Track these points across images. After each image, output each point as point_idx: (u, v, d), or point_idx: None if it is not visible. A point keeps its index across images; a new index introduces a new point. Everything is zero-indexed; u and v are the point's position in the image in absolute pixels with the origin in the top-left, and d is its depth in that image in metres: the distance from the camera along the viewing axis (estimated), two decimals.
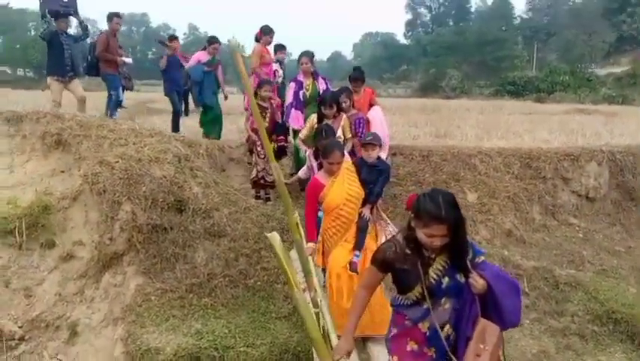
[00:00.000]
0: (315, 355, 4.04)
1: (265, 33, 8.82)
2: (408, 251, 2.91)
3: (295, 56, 10.12)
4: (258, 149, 7.23)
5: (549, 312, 6.27)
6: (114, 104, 9.61)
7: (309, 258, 4.88)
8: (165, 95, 10.52)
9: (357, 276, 4.63)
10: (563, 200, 8.44)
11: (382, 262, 2.97)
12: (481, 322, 2.91)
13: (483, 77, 53.61)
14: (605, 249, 7.82)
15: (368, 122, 6.81)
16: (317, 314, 3.91)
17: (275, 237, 2.38)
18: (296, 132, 7.57)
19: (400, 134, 11.18)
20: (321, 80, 7.84)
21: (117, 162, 6.23)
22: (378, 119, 7.17)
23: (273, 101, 7.69)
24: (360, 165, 5.07)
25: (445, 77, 49.77)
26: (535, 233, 7.87)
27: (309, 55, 7.85)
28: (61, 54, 9.00)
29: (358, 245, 4.84)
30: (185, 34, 76.52)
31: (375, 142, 5.13)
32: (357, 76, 7.41)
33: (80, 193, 6.16)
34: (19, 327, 5.37)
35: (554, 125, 14.07)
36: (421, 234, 2.78)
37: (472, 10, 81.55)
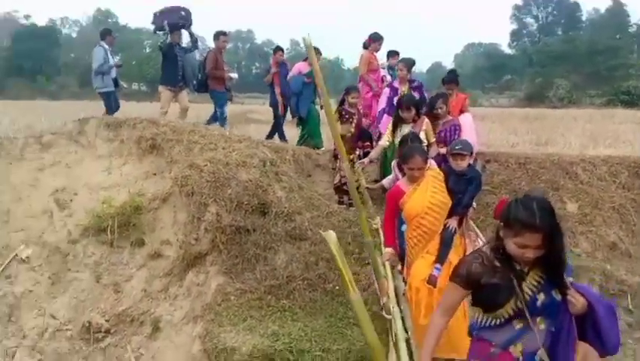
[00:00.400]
0: None
1: (374, 40, 8.81)
2: (497, 263, 2.57)
3: None
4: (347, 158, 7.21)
5: None
6: (220, 121, 9.91)
7: (386, 263, 4.74)
8: (271, 105, 10.65)
9: (436, 291, 4.33)
10: None
11: (466, 277, 2.60)
12: (581, 346, 2.63)
13: (594, 87, 50.69)
14: None
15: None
16: (389, 322, 3.77)
17: (330, 235, 2.28)
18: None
19: (498, 141, 10.77)
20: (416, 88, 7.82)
21: (206, 165, 6.43)
22: (468, 125, 6.95)
23: (360, 107, 7.67)
24: (449, 173, 4.71)
25: (552, 86, 47.53)
26: None
27: (405, 62, 7.90)
28: (174, 65, 9.59)
29: (440, 258, 4.49)
30: (287, 49, 78.43)
31: (465, 151, 4.79)
32: (451, 78, 7.31)
33: (169, 195, 6.42)
34: (107, 321, 5.64)
35: None
36: (511, 244, 2.47)
37: (584, 18, 77.52)
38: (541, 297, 2.53)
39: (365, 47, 8.87)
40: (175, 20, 9.53)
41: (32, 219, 6.66)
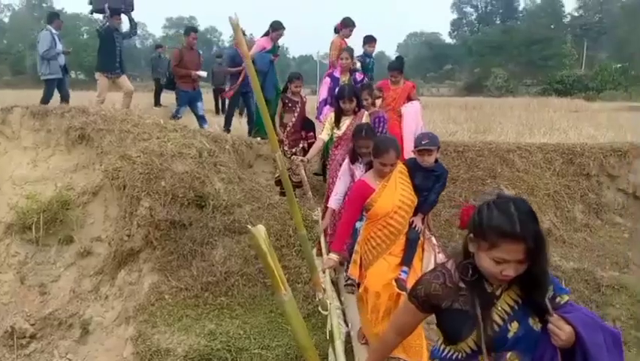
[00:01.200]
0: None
1: (345, 25, 8.26)
2: (462, 285, 2.06)
3: None
4: (285, 147, 7.02)
5: None
6: (198, 120, 9.51)
7: (326, 271, 4.56)
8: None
9: (397, 297, 4.01)
10: (607, 198, 7.94)
11: (424, 299, 2.11)
12: None
13: (530, 76, 52.27)
14: None
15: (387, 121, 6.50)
16: (326, 318, 3.63)
17: (259, 230, 2.07)
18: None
19: (437, 130, 10.75)
20: (358, 77, 7.49)
21: (139, 156, 6.11)
22: (413, 113, 6.89)
23: (303, 96, 7.48)
24: (414, 169, 4.23)
25: (490, 76, 48.73)
26: (577, 233, 7.40)
27: (349, 50, 7.53)
28: (113, 51, 9.11)
29: (406, 260, 4.12)
30: (231, 36, 77.10)
31: (432, 147, 4.24)
32: (396, 65, 7.18)
33: (100, 188, 6.09)
34: (32, 325, 5.31)
35: (602, 121, 13.41)
36: (486, 260, 1.94)
37: (520, 8, 79.65)
38: (513, 327, 2.04)
39: (336, 31, 8.53)
40: (117, 5, 9.06)
41: None
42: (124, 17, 9.39)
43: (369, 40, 8.88)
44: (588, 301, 5.98)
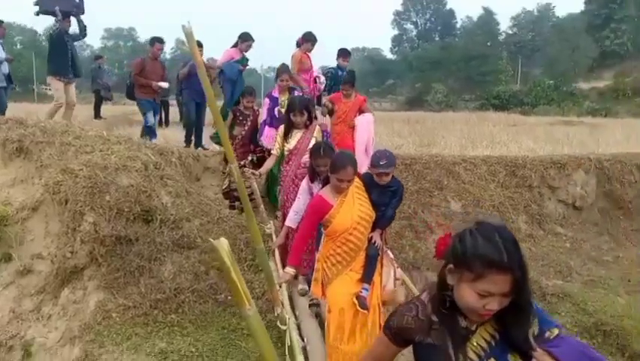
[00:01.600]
0: None
1: (307, 40, 8.23)
2: (434, 318, 1.92)
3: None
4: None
5: None
6: (146, 131, 9.21)
7: (283, 286, 4.51)
8: (183, 103, 9.87)
9: (362, 313, 3.94)
10: (549, 209, 8.22)
11: (397, 332, 1.99)
12: None
13: (468, 91, 53.70)
14: (593, 259, 7.57)
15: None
16: (285, 332, 3.56)
17: (222, 243, 2.00)
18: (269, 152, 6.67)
19: (383, 143, 10.90)
20: (296, 94, 7.44)
21: (81, 170, 5.87)
22: (365, 124, 6.96)
23: (254, 108, 7.43)
24: (370, 185, 4.19)
25: (430, 91, 49.85)
26: (522, 243, 7.39)
27: (288, 72, 7.47)
28: (65, 54, 8.89)
29: (367, 277, 4.06)
30: (172, 48, 75.86)
31: (389, 169, 4.19)
32: (348, 79, 7.22)
33: (40, 203, 5.81)
34: None
35: (540, 135, 13.92)
36: (468, 293, 1.78)
37: (458, 25, 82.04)
38: None
39: (298, 45, 8.46)
40: (68, 8, 8.83)
41: None
42: (73, 20, 9.11)
43: (343, 53, 8.93)
44: None
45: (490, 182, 8.20)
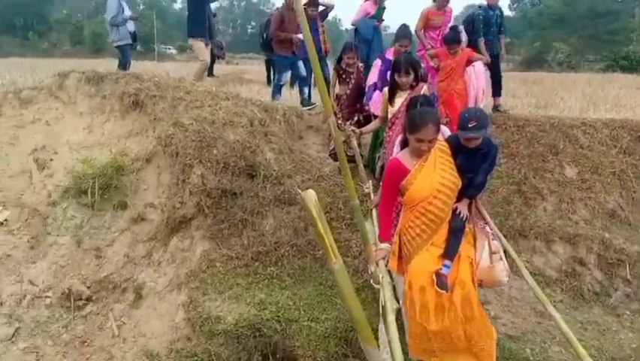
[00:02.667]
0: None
1: None
2: None
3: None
4: (339, 120, 6.84)
5: None
6: (276, 88, 9.08)
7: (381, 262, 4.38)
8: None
9: (446, 293, 3.49)
10: None
11: None
12: None
13: (593, 51, 49.93)
14: None
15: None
16: (379, 292, 3.51)
17: (309, 195, 1.97)
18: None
19: None
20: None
21: (191, 124, 6.11)
22: (476, 75, 6.73)
23: (358, 65, 7.19)
24: (457, 147, 3.69)
25: (551, 50, 46.86)
26: None
27: (409, 36, 6.81)
28: (203, 15, 8.95)
29: (449, 252, 3.59)
30: (276, 9, 76.70)
31: (479, 134, 3.59)
32: (452, 37, 6.82)
33: (153, 155, 6.13)
34: (88, 287, 5.40)
35: None
36: None
37: None
38: None
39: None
40: None
41: (10, 180, 6.39)
42: None
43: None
44: None
45: (612, 147, 7.55)
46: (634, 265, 5.92)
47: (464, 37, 7.32)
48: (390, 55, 6.71)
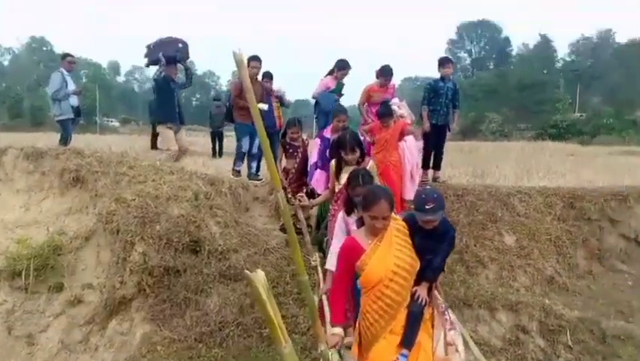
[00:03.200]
0: None
1: (383, 74, 7.93)
2: None
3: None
4: (288, 194, 6.83)
5: None
6: (239, 156, 8.78)
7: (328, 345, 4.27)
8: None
9: None
10: (610, 244, 7.78)
11: None
12: None
13: (524, 120, 52.70)
14: None
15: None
16: None
17: (258, 276, 1.93)
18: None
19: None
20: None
21: (134, 199, 6.00)
22: (410, 148, 6.85)
23: (303, 139, 7.23)
24: (413, 227, 3.48)
25: (484, 120, 49.14)
26: (580, 280, 7.20)
27: (346, 112, 6.88)
28: (172, 101, 8.76)
29: (407, 340, 3.34)
30: (228, 80, 77.96)
31: (437, 217, 3.41)
32: (384, 111, 6.91)
33: (93, 233, 5.95)
34: None
35: (599, 165, 13.39)
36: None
37: (514, 53, 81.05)
38: None
39: (377, 76, 8.10)
40: (171, 53, 8.70)
41: None
42: (180, 67, 9.07)
43: (445, 61, 8.31)
44: (594, 352, 5.79)
45: (547, 214, 7.86)
46: (574, 330, 6.04)
47: (400, 110, 7.57)
48: (328, 133, 6.72)
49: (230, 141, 14.03)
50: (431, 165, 8.42)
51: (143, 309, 5.37)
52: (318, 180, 6.47)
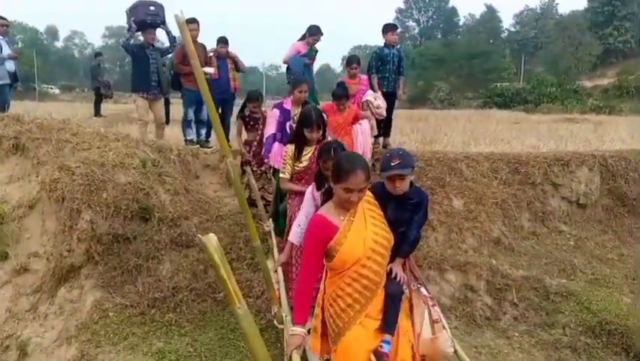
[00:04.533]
0: None
1: (349, 63, 7.81)
2: None
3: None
4: (253, 167, 6.73)
5: (539, 324, 5.86)
6: (187, 123, 8.64)
7: (280, 282, 4.29)
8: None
9: None
10: (552, 206, 8.09)
11: None
12: None
13: (471, 89, 53.70)
14: (597, 257, 7.44)
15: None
16: (282, 332, 3.48)
17: (210, 239, 1.92)
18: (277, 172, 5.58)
19: None
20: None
21: (78, 167, 5.80)
22: (362, 134, 6.80)
23: (262, 111, 6.94)
24: (383, 197, 3.14)
25: (432, 89, 49.85)
26: (525, 241, 7.47)
27: (307, 82, 6.43)
28: (147, 69, 8.35)
29: (388, 324, 2.96)
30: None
31: (405, 171, 3.07)
32: (341, 93, 6.74)
33: (37, 201, 5.75)
34: None
35: (543, 132, 13.83)
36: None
37: (460, 23, 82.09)
38: None
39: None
40: (142, 17, 8.20)
41: None
42: (159, 32, 8.73)
43: (391, 28, 8.22)
44: (538, 308, 6.03)
45: (493, 179, 8.09)
46: (519, 288, 6.27)
47: (376, 101, 7.51)
48: (288, 105, 6.21)
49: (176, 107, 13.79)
50: (381, 132, 8.51)
51: (92, 276, 5.27)
52: (277, 153, 5.90)
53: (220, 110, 8.31)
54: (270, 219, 5.91)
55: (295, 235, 4.21)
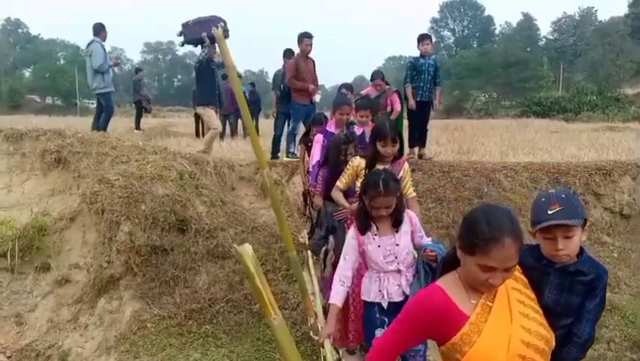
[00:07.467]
0: None
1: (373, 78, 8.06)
2: None
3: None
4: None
5: None
6: (292, 137, 8.90)
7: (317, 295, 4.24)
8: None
9: None
10: (595, 217, 7.85)
11: None
12: None
13: (508, 98, 52.92)
14: None
15: None
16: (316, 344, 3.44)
17: (245, 249, 1.90)
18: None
19: None
20: (357, 130, 5.66)
21: (117, 180, 5.92)
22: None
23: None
24: (536, 270, 2.23)
25: (469, 98, 49.29)
26: None
27: (349, 103, 5.96)
28: (212, 83, 8.66)
29: None
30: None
31: (571, 222, 2.15)
32: (365, 104, 6.00)
33: (77, 213, 5.86)
34: (8, 357, 5.00)
35: (583, 141, 13.48)
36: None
37: (497, 32, 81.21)
38: None
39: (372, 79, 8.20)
40: (211, 32, 8.21)
41: None
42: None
43: (424, 38, 8.28)
44: None
45: (532, 189, 7.90)
46: None
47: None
48: (331, 127, 5.74)
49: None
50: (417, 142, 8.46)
51: (131, 287, 5.33)
52: (323, 180, 5.29)
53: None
54: (304, 231, 5.89)
55: (338, 295, 3.31)
